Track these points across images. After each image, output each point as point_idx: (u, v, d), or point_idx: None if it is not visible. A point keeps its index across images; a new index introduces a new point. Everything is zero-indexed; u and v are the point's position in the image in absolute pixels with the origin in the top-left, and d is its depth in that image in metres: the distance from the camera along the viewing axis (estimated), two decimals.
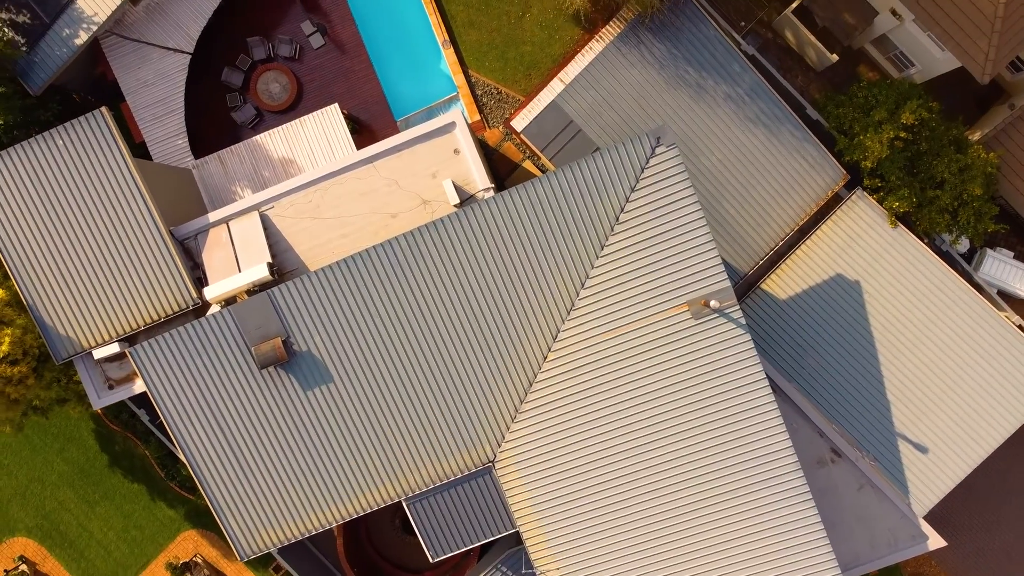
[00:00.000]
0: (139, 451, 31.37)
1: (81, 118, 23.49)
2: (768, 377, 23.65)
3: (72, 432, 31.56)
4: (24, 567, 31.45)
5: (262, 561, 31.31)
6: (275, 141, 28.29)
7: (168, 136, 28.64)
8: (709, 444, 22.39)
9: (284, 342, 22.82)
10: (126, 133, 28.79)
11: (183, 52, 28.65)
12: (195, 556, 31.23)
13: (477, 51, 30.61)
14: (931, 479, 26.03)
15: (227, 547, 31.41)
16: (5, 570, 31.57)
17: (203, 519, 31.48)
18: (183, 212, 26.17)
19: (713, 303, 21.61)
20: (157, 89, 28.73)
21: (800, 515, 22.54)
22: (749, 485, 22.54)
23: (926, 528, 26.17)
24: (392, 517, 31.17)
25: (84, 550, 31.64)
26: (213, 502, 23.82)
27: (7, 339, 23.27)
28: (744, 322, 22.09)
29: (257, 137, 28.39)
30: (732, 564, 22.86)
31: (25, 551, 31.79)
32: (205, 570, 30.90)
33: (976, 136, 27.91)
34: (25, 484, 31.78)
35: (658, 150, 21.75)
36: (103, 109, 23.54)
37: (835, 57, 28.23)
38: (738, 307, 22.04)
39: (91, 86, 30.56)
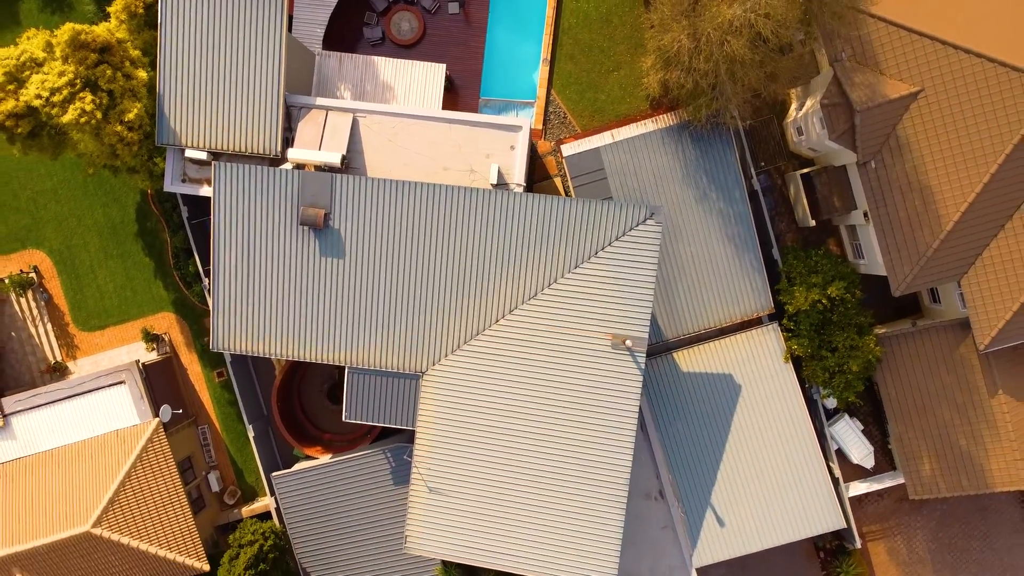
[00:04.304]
0: (163, 236, 37.55)
1: None
2: (642, 415, 30.51)
3: (122, 196, 37.53)
4: (34, 275, 37.68)
5: (211, 363, 37.70)
6: (386, 67, 34.77)
7: (312, 22, 35.06)
8: (576, 435, 29.45)
9: (326, 215, 29.50)
10: None
11: None
12: (165, 334, 37.56)
13: (565, 79, 37.37)
14: (715, 545, 33.35)
15: (191, 338, 37.71)
16: (21, 270, 37.66)
17: (184, 311, 37.70)
18: (294, 83, 32.65)
19: (629, 343, 28.72)
20: None
21: (611, 518, 29.65)
22: (588, 478, 29.63)
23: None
24: (322, 383, 37.71)
25: (84, 287, 37.75)
26: (215, 296, 30.45)
27: (135, 109, 29.66)
28: (644, 368, 29.19)
29: (374, 57, 34.89)
30: (543, 526, 29.87)
31: (41, 264, 37.79)
32: (167, 347, 37.27)
33: (880, 330, 35.07)
34: (65, 215, 37.74)
35: (648, 221, 28.79)
36: None
37: (813, 223, 35.25)
38: (644, 354, 29.14)
39: None
